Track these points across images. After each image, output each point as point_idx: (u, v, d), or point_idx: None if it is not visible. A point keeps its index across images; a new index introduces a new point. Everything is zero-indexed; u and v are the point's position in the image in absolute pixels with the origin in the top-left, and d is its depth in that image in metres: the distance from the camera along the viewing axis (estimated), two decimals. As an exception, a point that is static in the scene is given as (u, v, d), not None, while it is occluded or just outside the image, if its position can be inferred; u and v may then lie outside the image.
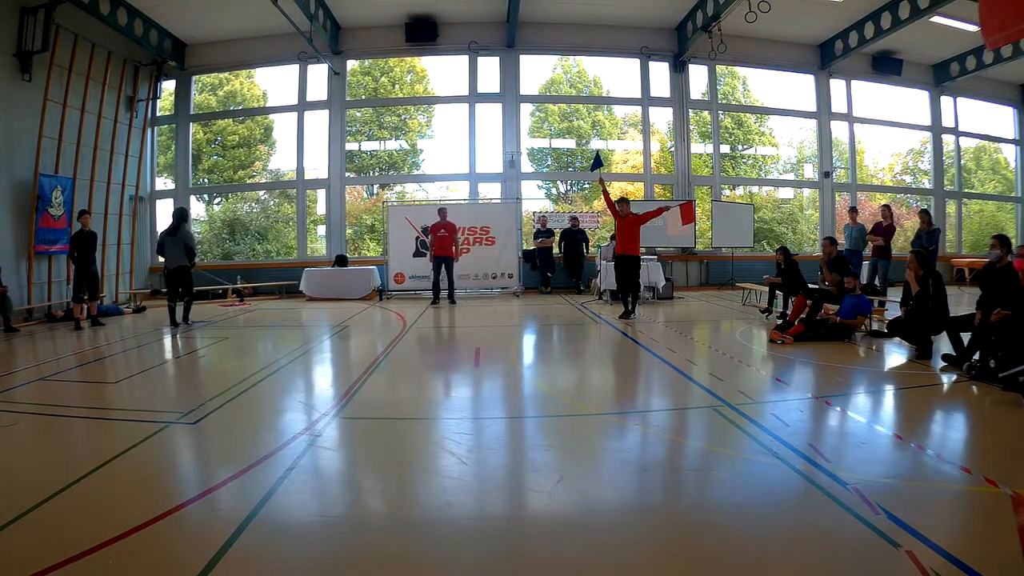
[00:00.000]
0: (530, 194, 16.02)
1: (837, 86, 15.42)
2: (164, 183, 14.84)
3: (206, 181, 16.38)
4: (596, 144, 16.89)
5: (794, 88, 15.80)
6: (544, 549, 2.32)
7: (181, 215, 8.67)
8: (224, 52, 14.01)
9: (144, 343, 7.49)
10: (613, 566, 2.19)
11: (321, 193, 14.99)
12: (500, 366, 5.96)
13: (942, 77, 15.43)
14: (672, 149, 15.10)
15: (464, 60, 14.36)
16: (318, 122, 14.42)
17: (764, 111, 16.88)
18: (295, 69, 14.25)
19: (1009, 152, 17.78)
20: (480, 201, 14.34)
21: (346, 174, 14.79)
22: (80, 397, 4.86)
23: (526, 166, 15.43)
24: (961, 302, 9.40)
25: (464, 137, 14.61)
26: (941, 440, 3.67)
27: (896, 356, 6.10)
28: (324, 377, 5.68)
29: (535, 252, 13.44)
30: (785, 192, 18.13)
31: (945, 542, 2.24)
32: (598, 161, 9.48)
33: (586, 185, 17.48)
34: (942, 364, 5.49)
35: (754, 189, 17.70)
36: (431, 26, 13.66)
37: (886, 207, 9.73)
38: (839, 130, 15.72)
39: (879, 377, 5.36)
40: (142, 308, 10.88)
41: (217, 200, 16.75)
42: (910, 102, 16.22)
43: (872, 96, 15.83)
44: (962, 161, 16.84)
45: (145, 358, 6.53)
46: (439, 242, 10.88)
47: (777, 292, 9.06)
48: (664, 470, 3.19)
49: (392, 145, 16.76)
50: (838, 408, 4.15)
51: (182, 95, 14.35)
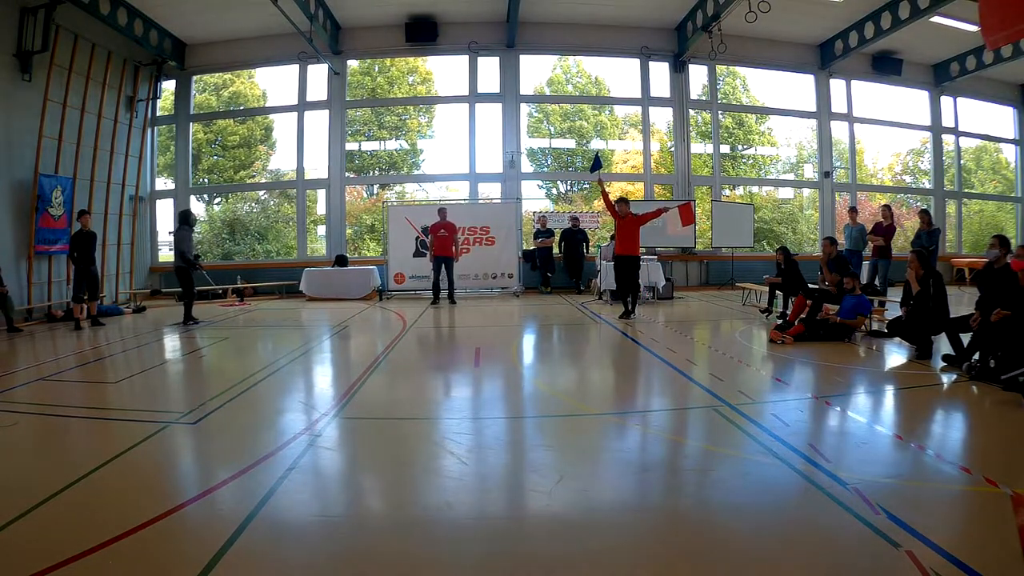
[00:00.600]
0: (530, 194, 16.02)
1: (837, 86, 15.42)
2: (164, 183, 14.84)
3: (206, 181, 16.38)
4: (596, 144, 16.89)
5: (794, 88, 15.81)
6: (544, 549, 2.33)
7: (179, 217, 8.87)
8: (224, 52, 14.01)
9: (144, 343, 7.49)
10: (613, 566, 2.19)
11: (321, 193, 14.99)
12: (500, 366, 5.96)
13: (942, 77, 15.43)
14: (672, 149, 15.10)
15: (464, 60, 14.36)
16: (318, 122, 14.42)
17: (764, 111, 16.87)
18: (295, 69, 14.25)
19: (1009, 152, 17.79)
20: (480, 201, 14.34)
21: (346, 174, 14.79)
22: (80, 397, 4.86)
23: (526, 166, 15.43)
24: (961, 302, 9.39)
25: (464, 137, 14.62)
26: (941, 440, 3.67)
27: (896, 356, 6.10)
28: (324, 377, 5.68)
29: (535, 252, 13.44)
30: (785, 192, 18.13)
31: (945, 542, 2.24)
32: (598, 162, 9.46)
33: (586, 185, 17.46)
34: (942, 364, 5.49)
35: (754, 189, 17.69)
36: (431, 26, 13.66)
37: (886, 207, 9.73)
38: (839, 130, 15.72)
39: (879, 377, 5.36)
40: (142, 308, 10.88)
41: (217, 200, 16.75)
42: (910, 102, 16.23)
43: (872, 96, 15.84)
44: (962, 161, 16.84)
45: (145, 358, 6.53)
46: (439, 242, 10.87)
47: (777, 292, 9.06)
48: (664, 470, 3.19)
49: (392, 145, 16.75)
50: (838, 408, 4.15)
51: (182, 95, 14.35)
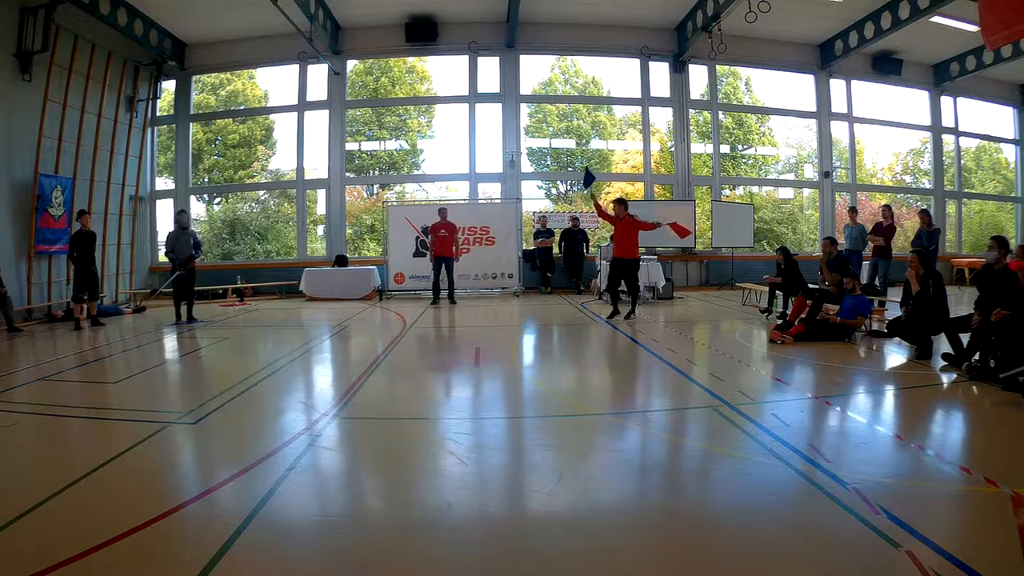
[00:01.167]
0: (530, 194, 16.02)
1: (837, 86, 15.41)
2: (164, 183, 14.84)
3: (206, 181, 16.39)
4: (596, 144, 16.91)
5: (794, 88, 15.81)
6: (544, 549, 2.32)
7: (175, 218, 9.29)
8: (224, 52, 14.00)
9: (144, 343, 7.49)
10: (613, 566, 2.19)
11: (321, 193, 14.99)
12: (500, 366, 5.96)
13: (942, 77, 15.42)
14: (672, 149, 15.10)
15: (464, 60, 14.36)
16: (318, 122, 14.42)
17: (764, 111, 16.88)
18: (295, 69, 14.24)
19: (1009, 152, 17.79)
20: (480, 201, 14.34)
21: (346, 174, 14.79)
22: (80, 397, 4.86)
23: (526, 166, 15.43)
24: (961, 302, 9.40)
25: (464, 137, 14.61)
26: (941, 440, 3.67)
27: (896, 356, 6.10)
28: (324, 377, 5.68)
29: (535, 252, 13.44)
30: (785, 192, 18.13)
31: (945, 542, 2.24)
32: (589, 176, 9.21)
33: (586, 185, 17.47)
34: (942, 364, 5.49)
35: (754, 189, 17.69)
36: (431, 26, 13.66)
37: (886, 207, 9.73)
38: (839, 130, 15.72)
39: (879, 377, 5.36)
40: (142, 308, 10.88)
41: (217, 200, 16.75)
42: (910, 102, 16.23)
43: (872, 96, 15.84)
44: (962, 161, 16.84)
45: (145, 358, 6.53)
46: (439, 242, 10.83)
47: (777, 292, 9.07)
48: (664, 470, 3.19)
49: (392, 145, 16.76)
50: (838, 408, 4.15)
51: (182, 95, 14.34)
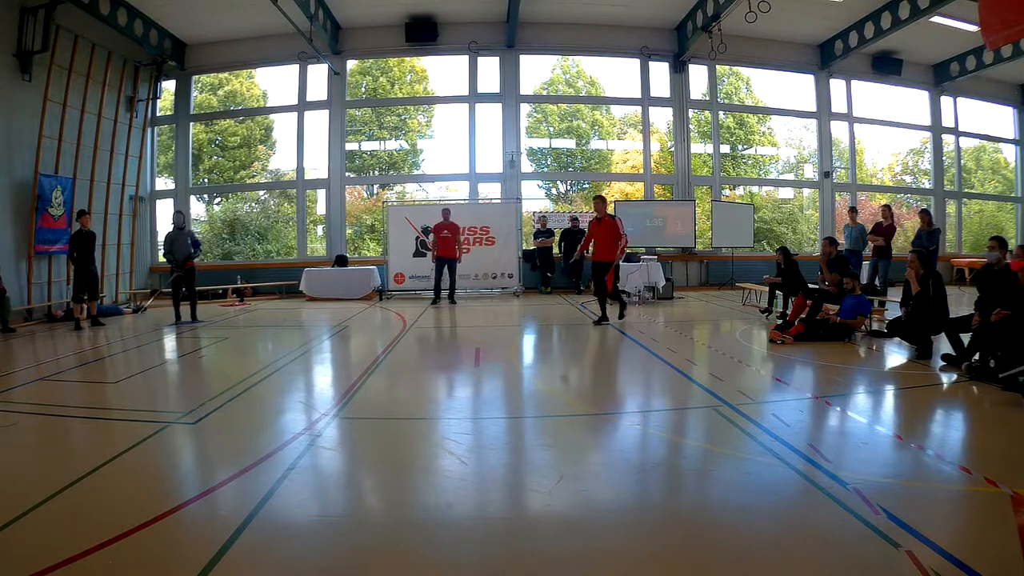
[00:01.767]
0: (530, 194, 16.02)
1: (837, 86, 15.41)
2: (164, 183, 14.84)
3: (206, 181, 16.38)
4: (596, 144, 16.91)
5: (794, 88, 15.81)
6: (544, 549, 2.33)
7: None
8: (224, 52, 14.00)
9: (144, 343, 7.49)
10: (613, 566, 2.19)
11: (321, 193, 14.99)
12: (500, 366, 5.96)
13: (942, 77, 15.42)
14: (672, 149, 15.10)
15: (464, 60, 14.36)
16: (318, 122, 14.42)
17: (764, 111, 16.87)
18: (295, 69, 14.24)
19: (1009, 152, 17.79)
20: (480, 201, 14.34)
21: (346, 174, 14.79)
22: (80, 397, 4.86)
23: (526, 166, 15.43)
24: (961, 302, 9.39)
25: (464, 137, 14.61)
26: (941, 440, 3.67)
27: (896, 356, 6.10)
28: (324, 377, 5.68)
29: (535, 252, 13.44)
30: (785, 192, 18.13)
31: (945, 542, 2.25)
32: (576, 266, 8.79)
33: (586, 185, 17.48)
34: (942, 364, 5.49)
35: (754, 189, 17.69)
36: (431, 26, 13.66)
37: (886, 207, 9.73)
38: (839, 130, 15.72)
39: (879, 377, 5.36)
40: (142, 308, 10.88)
41: (217, 200, 16.75)
42: (910, 102, 16.23)
43: (872, 96, 15.84)
44: (962, 161, 16.84)
45: (145, 358, 6.53)
46: (442, 242, 10.81)
47: (777, 292, 9.07)
48: (664, 470, 3.19)
49: (392, 145, 16.76)
50: (838, 408, 4.15)
51: (182, 95, 14.34)
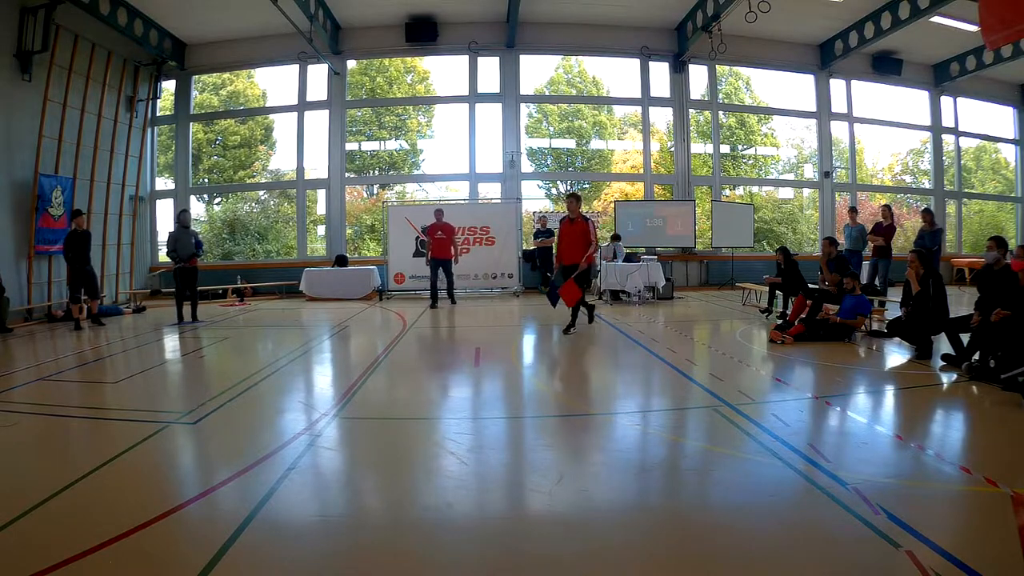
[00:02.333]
0: (530, 194, 16.03)
1: (837, 86, 15.42)
2: (164, 183, 14.85)
3: (206, 181, 16.39)
4: (596, 144, 16.90)
5: (794, 88, 15.82)
6: (544, 549, 2.33)
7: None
8: (224, 52, 14.01)
9: (144, 343, 7.49)
10: (613, 566, 2.19)
11: (321, 193, 15.00)
12: (500, 366, 5.96)
13: (942, 77, 15.43)
14: (672, 149, 15.10)
15: (464, 60, 14.36)
16: (318, 122, 14.42)
17: (764, 111, 16.88)
18: (295, 69, 14.25)
19: (1009, 152, 17.79)
20: (480, 201, 14.34)
21: (346, 174, 14.79)
22: (80, 397, 4.86)
23: (526, 166, 15.43)
24: (961, 302, 9.40)
25: (464, 137, 14.62)
26: (941, 440, 3.67)
27: (896, 356, 6.10)
28: (324, 377, 5.68)
29: (535, 252, 13.44)
30: (785, 192, 18.14)
31: (945, 542, 2.25)
32: (554, 294, 7.73)
33: (586, 185, 17.49)
34: (942, 364, 5.49)
35: (754, 189, 17.70)
36: (431, 26, 13.67)
37: (886, 207, 9.73)
38: (839, 130, 15.73)
39: (879, 377, 5.36)
40: (142, 308, 10.88)
41: (217, 200, 16.76)
42: (910, 102, 16.24)
43: (872, 96, 15.85)
44: (962, 161, 16.84)
45: (145, 358, 6.53)
46: (437, 244, 10.51)
47: (777, 292, 9.07)
48: (664, 470, 3.19)
49: (392, 145, 16.77)
50: (838, 408, 4.15)
51: (182, 95, 14.35)
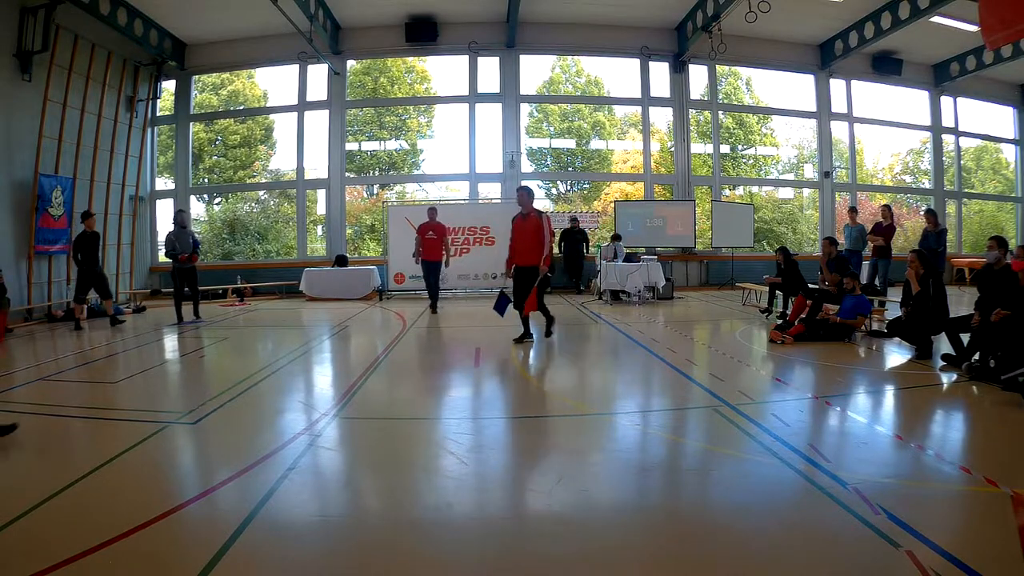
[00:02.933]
0: (530, 194, 16.00)
1: (837, 86, 15.42)
2: (164, 183, 14.84)
3: (206, 181, 16.39)
4: (596, 144, 16.90)
5: (794, 88, 15.83)
6: (544, 549, 2.33)
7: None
8: (224, 52, 14.01)
9: (144, 343, 7.49)
10: (613, 566, 2.19)
11: (321, 193, 15.00)
12: (500, 366, 5.96)
13: (942, 77, 15.43)
14: (672, 149, 15.11)
15: (464, 60, 14.36)
16: (318, 122, 14.42)
17: (764, 111, 16.88)
18: (295, 69, 14.25)
19: (1009, 152, 17.79)
20: (480, 201, 14.34)
21: (346, 174, 14.79)
22: (80, 397, 4.86)
23: (526, 166, 15.43)
24: (961, 302, 9.40)
25: (464, 137, 14.62)
26: (941, 440, 3.67)
27: (896, 356, 6.10)
28: (324, 377, 5.68)
29: (535, 252, 13.40)
30: (785, 192, 18.14)
31: (945, 542, 2.25)
32: (503, 300, 7.14)
33: (586, 185, 17.49)
34: (942, 364, 5.49)
35: (754, 189, 17.70)
36: (431, 26, 13.67)
37: (886, 207, 9.73)
38: (839, 130, 15.73)
39: (879, 377, 5.36)
40: (142, 308, 10.88)
41: (217, 200, 16.76)
42: (910, 102, 16.24)
43: (872, 96, 15.84)
44: (962, 161, 16.85)
45: (145, 358, 6.53)
46: (427, 245, 9.85)
47: (777, 292, 9.07)
48: (664, 470, 3.19)
49: (392, 145, 16.76)
50: (838, 408, 4.15)
51: (182, 95, 14.35)
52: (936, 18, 12.30)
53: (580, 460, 3.32)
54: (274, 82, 16.92)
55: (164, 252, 8.79)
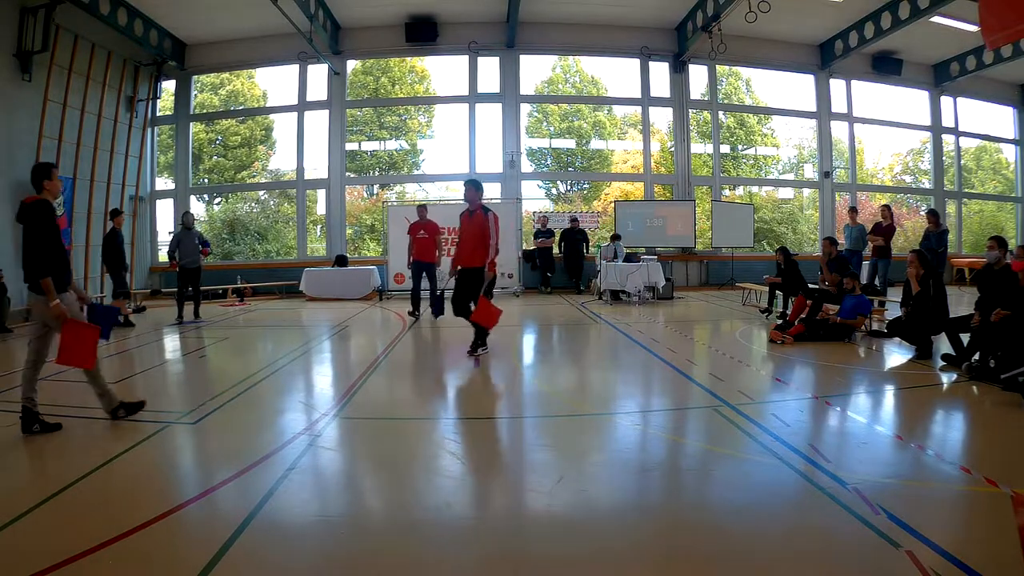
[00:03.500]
0: (530, 194, 16.03)
1: (837, 86, 15.42)
2: (164, 183, 14.84)
3: (206, 181, 16.39)
4: (596, 144, 16.90)
5: (794, 88, 15.82)
6: (544, 549, 2.33)
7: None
8: (224, 52, 14.01)
9: (144, 343, 7.49)
10: (613, 566, 2.19)
11: (321, 193, 14.99)
12: (500, 366, 5.95)
13: (942, 77, 15.43)
14: (672, 149, 15.10)
15: (464, 60, 14.36)
16: (318, 122, 14.42)
17: (764, 111, 16.88)
18: (295, 69, 14.25)
19: (1009, 152, 17.79)
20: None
21: (346, 174, 14.79)
22: (80, 397, 4.85)
23: (526, 166, 15.43)
24: (961, 302, 9.40)
25: (464, 137, 14.62)
26: (941, 440, 3.67)
27: (896, 356, 6.10)
28: (324, 377, 5.68)
29: (535, 252, 13.44)
30: (785, 192, 18.14)
31: (945, 542, 2.25)
32: (439, 303, 7.03)
33: (586, 185, 17.49)
34: (942, 364, 5.49)
35: (754, 189, 17.70)
36: (431, 26, 13.66)
37: (886, 207, 9.72)
38: (839, 130, 15.72)
39: (879, 377, 5.36)
40: (142, 308, 10.88)
41: (217, 200, 16.76)
42: (910, 102, 16.24)
43: (872, 96, 15.84)
44: (962, 161, 16.84)
45: (145, 358, 6.53)
46: (420, 245, 9.05)
47: (777, 292, 9.07)
48: (664, 470, 3.19)
49: (392, 145, 16.76)
50: (838, 408, 4.15)
51: (182, 95, 14.35)
52: (936, 18, 12.30)
53: (580, 460, 3.32)
54: (274, 82, 16.95)
55: (166, 251, 8.78)
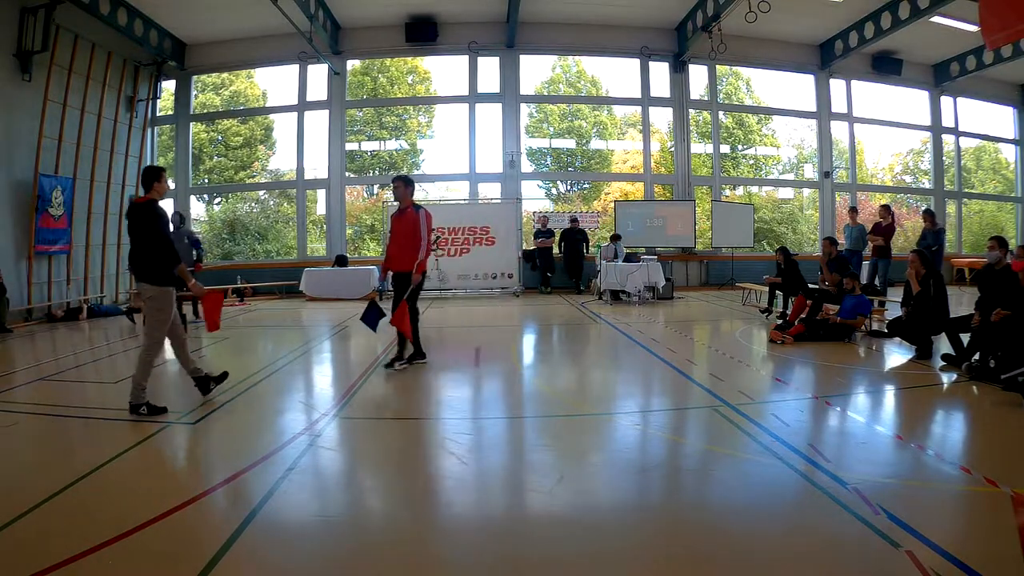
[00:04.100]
0: (530, 194, 16.02)
1: (837, 86, 15.41)
2: (164, 183, 14.82)
3: (206, 181, 16.38)
4: (596, 144, 16.90)
5: (794, 88, 15.82)
6: (544, 549, 2.32)
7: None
8: (224, 52, 14.00)
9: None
10: (613, 566, 2.19)
11: (321, 193, 14.99)
12: (500, 366, 5.96)
13: (942, 77, 15.43)
14: (672, 149, 15.11)
15: (464, 60, 14.36)
16: (318, 122, 14.41)
17: (764, 111, 16.87)
18: (295, 69, 14.24)
19: (1009, 152, 17.79)
20: (480, 201, 14.34)
21: (346, 174, 14.79)
22: (80, 397, 4.86)
23: (526, 166, 15.43)
24: (961, 302, 9.40)
25: (464, 137, 14.61)
26: (941, 440, 3.67)
27: (896, 356, 6.10)
28: (324, 377, 5.69)
29: (535, 252, 13.44)
30: (785, 192, 18.14)
31: (945, 542, 2.25)
32: (373, 312, 5.82)
33: (586, 185, 17.48)
34: (942, 364, 5.49)
35: (754, 189, 17.70)
36: (431, 26, 13.66)
37: (886, 207, 9.73)
38: (839, 130, 15.72)
39: (879, 377, 5.36)
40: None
41: (217, 200, 16.76)
42: (910, 102, 16.23)
43: (872, 96, 15.83)
44: (962, 161, 16.84)
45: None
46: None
47: (777, 292, 9.07)
48: (664, 470, 3.19)
49: (392, 145, 16.76)
50: (838, 408, 4.15)
51: (182, 95, 14.35)
52: (936, 18, 12.29)
53: (580, 460, 3.32)
54: (274, 82, 16.94)
55: None
